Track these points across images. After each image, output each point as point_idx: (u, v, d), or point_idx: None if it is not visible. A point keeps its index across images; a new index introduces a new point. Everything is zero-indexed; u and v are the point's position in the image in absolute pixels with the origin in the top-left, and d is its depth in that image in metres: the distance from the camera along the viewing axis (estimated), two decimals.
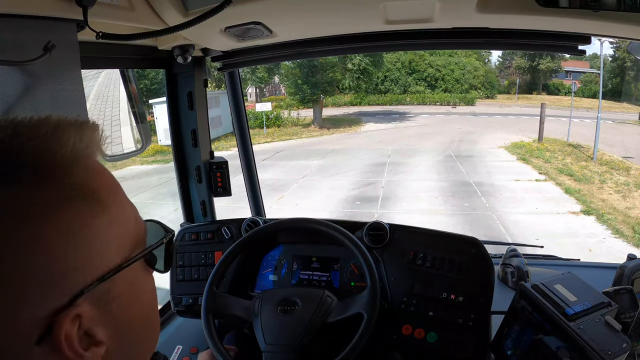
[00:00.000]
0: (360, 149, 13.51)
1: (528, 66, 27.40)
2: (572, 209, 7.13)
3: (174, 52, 1.22)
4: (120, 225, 0.34)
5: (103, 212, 0.32)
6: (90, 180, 0.32)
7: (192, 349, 1.22)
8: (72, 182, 0.30)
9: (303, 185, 9.23)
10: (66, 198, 0.30)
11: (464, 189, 8.35)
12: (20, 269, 0.27)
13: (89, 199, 0.31)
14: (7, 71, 0.66)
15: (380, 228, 1.17)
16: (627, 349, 0.72)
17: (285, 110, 20.46)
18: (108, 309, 0.32)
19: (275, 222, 1.17)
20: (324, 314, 1.01)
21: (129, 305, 0.34)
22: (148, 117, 10.54)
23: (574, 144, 12.60)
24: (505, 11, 0.88)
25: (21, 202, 0.28)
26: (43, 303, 0.28)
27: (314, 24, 1.10)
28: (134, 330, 0.35)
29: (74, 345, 0.29)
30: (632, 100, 19.80)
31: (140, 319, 0.36)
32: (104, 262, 0.32)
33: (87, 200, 0.31)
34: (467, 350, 1.02)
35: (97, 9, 0.72)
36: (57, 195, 0.29)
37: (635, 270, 1.01)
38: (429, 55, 26.28)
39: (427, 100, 25.70)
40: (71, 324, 0.29)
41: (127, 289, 0.34)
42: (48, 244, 0.28)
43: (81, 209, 0.30)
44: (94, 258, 0.31)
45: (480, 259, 1.07)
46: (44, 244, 0.28)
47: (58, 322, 0.28)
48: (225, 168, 1.52)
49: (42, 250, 0.28)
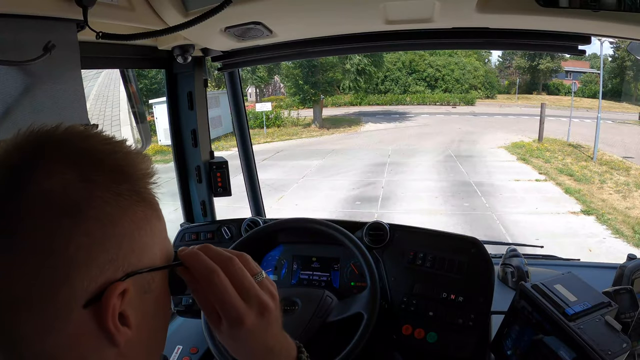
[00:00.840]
0: (360, 149, 13.51)
1: (528, 66, 27.39)
2: (572, 209, 7.13)
3: (174, 52, 1.22)
4: (165, 236, 0.42)
5: (159, 219, 0.41)
6: (152, 195, 0.40)
7: (192, 349, 1.22)
8: (143, 191, 0.39)
9: (303, 185, 9.23)
10: (139, 200, 0.38)
11: (464, 189, 8.35)
12: (97, 243, 0.34)
13: (152, 206, 0.40)
14: (7, 71, 0.66)
15: (380, 228, 1.17)
16: (627, 349, 0.72)
17: (285, 110, 20.45)
18: (145, 297, 0.38)
19: (275, 222, 1.17)
20: (324, 314, 1.01)
21: (159, 302, 0.40)
22: (148, 117, 10.54)
23: (574, 144, 12.60)
24: (505, 11, 0.88)
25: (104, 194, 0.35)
26: (103, 272, 0.34)
27: (314, 24, 1.10)
28: (152, 327, 0.41)
29: (115, 318, 0.35)
30: (632, 100, 19.80)
31: (160, 318, 0.42)
32: (152, 256, 0.39)
33: (151, 207, 0.39)
34: (467, 350, 1.02)
35: (97, 9, 0.72)
36: (132, 196, 0.37)
37: (635, 270, 1.01)
38: (429, 55, 26.27)
39: (427, 100, 25.69)
40: (118, 297, 0.35)
41: (161, 287, 0.41)
42: (121, 227, 0.36)
43: (147, 211, 0.39)
44: (147, 250, 0.38)
45: (480, 259, 1.07)
46: (119, 226, 0.36)
47: (109, 290, 0.34)
48: (225, 168, 1.52)
49: (117, 230, 0.35)
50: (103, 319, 0.34)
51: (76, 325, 0.34)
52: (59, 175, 0.34)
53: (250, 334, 0.42)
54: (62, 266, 0.33)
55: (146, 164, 0.40)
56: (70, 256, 0.33)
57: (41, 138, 0.36)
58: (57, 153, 0.35)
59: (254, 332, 0.42)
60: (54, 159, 0.35)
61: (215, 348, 0.98)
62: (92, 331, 0.34)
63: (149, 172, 0.40)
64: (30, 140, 0.36)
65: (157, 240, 0.40)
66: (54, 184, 0.33)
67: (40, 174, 0.34)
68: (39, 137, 0.36)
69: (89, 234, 0.34)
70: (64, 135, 0.37)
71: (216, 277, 0.41)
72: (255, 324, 0.42)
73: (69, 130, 0.37)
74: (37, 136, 0.36)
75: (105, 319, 0.34)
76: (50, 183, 0.33)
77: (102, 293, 0.34)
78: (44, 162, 0.34)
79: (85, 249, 0.33)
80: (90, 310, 0.34)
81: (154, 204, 0.40)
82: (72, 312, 0.33)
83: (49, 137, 0.36)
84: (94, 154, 0.37)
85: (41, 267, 0.32)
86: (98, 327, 0.34)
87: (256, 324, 0.42)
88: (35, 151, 0.35)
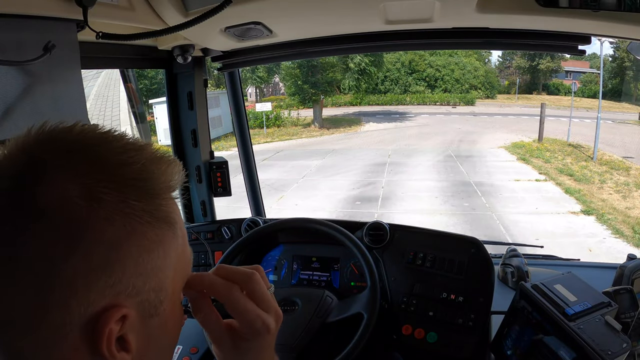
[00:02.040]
0: (360, 149, 13.52)
1: (528, 66, 27.37)
2: (572, 209, 7.13)
3: (174, 52, 1.22)
4: (182, 256, 0.38)
5: (174, 236, 0.37)
6: (172, 212, 0.37)
7: (192, 349, 1.22)
8: (160, 207, 0.35)
9: (303, 185, 9.22)
10: (152, 219, 0.34)
11: (464, 189, 8.35)
12: (97, 268, 0.31)
13: (168, 224, 0.36)
14: (7, 71, 0.66)
15: (380, 228, 1.17)
16: (627, 349, 0.72)
17: (285, 110, 20.44)
18: (150, 321, 0.36)
19: (275, 222, 1.17)
20: (324, 314, 1.01)
21: (165, 326, 0.38)
22: (148, 117, 10.51)
23: (574, 144, 12.60)
24: (505, 11, 0.88)
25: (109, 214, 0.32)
26: (103, 297, 0.32)
27: (314, 24, 1.10)
28: (158, 349, 0.38)
29: (111, 344, 0.32)
30: (632, 100, 19.78)
31: (167, 339, 0.39)
32: (162, 278, 0.36)
33: (166, 224, 0.36)
34: (467, 350, 1.02)
35: (97, 9, 0.72)
36: (144, 216, 0.34)
37: (635, 270, 1.01)
38: (429, 55, 26.26)
39: (427, 100, 25.68)
40: (116, 323, 0.32)
41: (170, 311, 0.38)
42: (127, 250, 0.33)
43: (161, 230, 0.35)
44: (157, 273, 0.35)
45: (480, 259, 1.07)
46: (124, 250, 0.33)
47: (106, 316, 0.32)
48: (225, 168, 1.52)
49: (121, 254, 0.32)
50: (98, 344, 0.32)
51: (71, 350, 0.32)
52: (61, 190, 0.31)
53: (267, 345, 0.43)
54: (59, 289, 0.31)
55: (169, 174, 0.36)
56: (68, 279, 0.31)
57: (51, 143, 0.33)
58: (64, 163, 0.32)
59: (271, 342, 0.43)
60: (60, 171, 0.32)
61: None
62: (86, 356, 0.32)
63: (170, 184, 0.36)
64: (39, 145, 0.33)
65: (171, 262, 0.36)
66: (55, 201, 0.31)
67: (41, 188, 0.31)
68: (49, 142, 0.33)
69: (88, 259, 0.31)
70: (77, 140, 0.34)
71: (236, 293, 0.41)
72: (273, 334, 0.43)
73: (84, 134, 0.34)
74: (48, 139, 0.33)
75: (99, 344, 0.32)
76: (52, 200, 0.31)
77: (99, 317, 0.32)
78: (48, 174, 0.31)
79: (83, 274, 0.31)
80: (86, 335, 0.32)
81: (170, 221, 0.36)
82: (68, 336, 0.31)
83: (59, 141, 0.33)
84: (106, 164, 0.33)
85: (38, 290, 0.30)
86: (92, 351, 0.32)
87: (273, 334, 0.43)
88: (41, 159, 0.32)
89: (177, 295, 0.39)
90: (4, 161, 0.33)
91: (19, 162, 0.32)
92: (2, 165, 0.33)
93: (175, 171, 0.37)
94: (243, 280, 0.42)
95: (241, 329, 0.42)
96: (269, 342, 0.43)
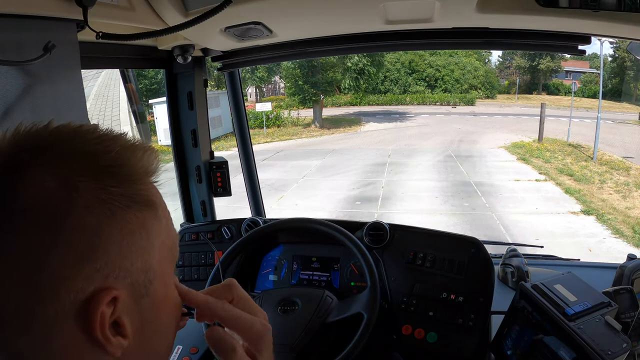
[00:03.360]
0: (360, 149, 13.51)
1: (528, 66, 27.36)
2: (572, 209, 7.13)
3: (174, 52, 1.22)
4: (167, 238, 0.39)
5: (157, 218, 0.38)
6: (152, 195, 0.38)
7: (192, 349, 1.22)
8: (139, 191, 0.36)
9: (303, 185, 9.22)
10: (132, 203, 0.35)
11: (464, 189, 8.35)
12: (82, 254, 0.32)
13: (149, 207, 0.37)
14: (7, 71, 0.66)
15: (380, 228, 1.17)
16: (627, 349, 0.72)
17: (285, 110, 20.43)
18: (141, 302, 0.36)
19: (275, 222, 1.17)
20: (324, 314, 1.01)
21: (158, 306, 0.38)
22: (148, 117, 10.52)
23: (574, 144, 12.60)
24: (505, 11, 0.88)
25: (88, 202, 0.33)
26: (90, 282, 0.32)
27: (314, 24, 1.10)
28: (154, 334, 0.38)
29: (105, 328, 0.33)
30: (632, 100, 19.77)
31: (163, 324, 0.39)
32: (148, 258, 0.36)
33: (147, 207, 0.37)
34: (467, 350, 1.02)
35: (97, 9, 0.72)
36: (123, 200, 0.35)
37: (635, 270, 1.01)
38: (429, 55, 26.25)
39: (427, 100, 25.67)
40: (107, 305, 0.33)
41: (161, 291, 0.38)
42: (109, 235, 0.33)
43: (142, 213, 0.36)
44: (143, 253, 0.36)
45: (480, 259, 1.07)
46: (106, 235, 0.33)
47: (96, 299, 0.32)
48: (225, 168, 1.52)
49: (104, 238, 0.33)
50: (91, 329, 0.32)
51: (68, 338, 0.32)
52: (40, 184, 0.32)
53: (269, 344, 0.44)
54: (47, 281, 0.31)
55: (146, 159, 0.37)
56: (54, 270, 0.31)
57: (26, 141, 0.34)
58: (40, 159, 0.33)
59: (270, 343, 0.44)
60: (37, 166, 0.32)
61: None
62: (83, 343, 0.33)
63: (148, 169, 0.37)
64: (15, 144, 0.33)
65: (155, 241, 0.37)
66: (35, 195, 0.31)
67: (22, 184, 0.32)
68: (24, 141, 0.34)
69: (72, 246, 0.32)
70: (52, 136, 0.34)
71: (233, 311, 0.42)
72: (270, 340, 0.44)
73: (58, 130, 0.35)
74: (23, 139, 0.34)
75: (93, 329, 0.32)
76: (32, 194, 0.31)
77: (90, 302, 0.32)
78: (26, 170, 0.32)
79: (69, 262, 0.32)
80: (79, 321, 0.32)
81: (151, 204, 0.37)
82: (62, 326, 0.32)
83: (34, 139, 0.34)
84: (81, 155, 0.34)
85: (27, 284, 0.31)
86: (88, 337, 0.33)
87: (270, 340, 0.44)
88: (19, 157, 0.33)
89: (167, 277, 0.40)
90: None
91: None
92: None
93: (152, 157, 0.38)
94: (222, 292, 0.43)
95: (244, 338, 0.42)
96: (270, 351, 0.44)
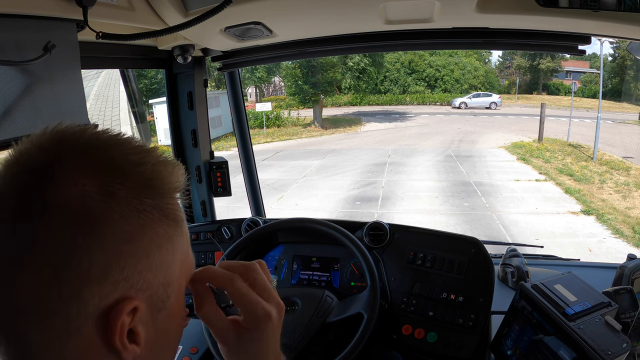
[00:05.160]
0: (360, 149, 13.51)
1: (528, 66, 27.37)
2: (572, 209, 7.13)
3: (174, 52, 1.22)
4: (187, 255, 0.41)
5: (182, 235, 0.39)
6: (179, 211, 0.39)
7: (192, 349, 1.22)
8: (169, 205, 0.37)
9: (303, 185, 9.22)
10: (162, 216, 0.36)
11: (464, 188, 8.35)
12: (112, 260, 0.33)
13: (176, 222, 0.38)
14: (7, 71, 0.66)
15: (380, 228, 1.17)
16: (627, 349, 0.72)
17: (285, 110, 20.44)
18: (157, 315, 0.37)
19: (275, 222, 1.17)
20: (324, 314, 1.01)
21: (172, 320, 0.39)
22: (148, 117, 10.51)
23: (574, 144, 12.59)
24: (505, 11, 0.88)
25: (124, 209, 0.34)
26: (116, 289, 0.33)
27: (314, 24, 1.10)
28: (165, 344, 0.40)
29: (123, 336, 0.34)
30: (632, 100, 19.77)
31: (172, 335, 0.41)
32: (170, 273, 0.38)
33: (175, 223, 0.38)
34: (467, 350, 1.02)
35: (97, 9, 0.72)
36: (155, 213, 0.36)
37: (635, 270, 1.01)
38: (428, 55, 26.26)
39: (426, 100, 25.67)
40: (128, 315, 0.34)
41: (176, 307, 0.39)
42: (140, 245, 0.34)
43: (170, 228, 0.37)
44: (166, 267, 0.37)
45: (480, 259, 1.07)
46: (137, 245, 0.34)
47: (119, 307, 0.33)
48: (225, 168, 1.52)
49: (134, 248, 0.34)
50: (110, 336, 0.33)
51: (84, 341, 0.33)
52: (79, 185, 0.32)
53: (271, 335, 0.44)
54: (74, 282, 0.32)
55: (175, 176, 0.38)
56: (83, 272, 0.32)
57: (67, 141, 0.34)
58: (81, 160, 0.34)
59: (274, 332, 0.44)
60: (76, 167, 0.33)
61: (215, 348, 0.97)
62: (99, 347, 0.33)
63: (176, 185, 0.38)
64: (55, 142, 0.34)
65: (178, 258, 0.38)
66: (72, 195, 0.32)
67: (59, 183, 0.32)
68: (65, 140, 0.34)
69: (104, 251, 0.32)
70: (91, 140, 0.35)
71: (238, 281, 0.43)
72: (276, 324, 0.44)
73: (97, 135, 0.36)
74: (63, 138, 0.35)
75: (112, 336, 0.33)
76: (69, 194, 0.32)
77: (112, 309, 0.33)
78: (65, 170, 0.33)
79: (99, 266, 0.32)
80: (98, 326, 0.33)
81: (177, 220, 0.38)
82: (81, 328, 0.32)
83: (75, 140, 0.35)
84: (119, 164, 0.35)
85: (53, 282, 0.31)
86: (105, 343, 0.33)
87: (276, 324, 0.44)
88: (58, 156, 0.33)
89: (182, 292, 0.41)
90: (21, 157, 0.34)
91: (36, 157, 0.33)
92: (20, 160, 0.34)
93: (180, 174, 0.39)
94: (244, 270, 0.44)
95: (244, 317, 0.43)
96: (273, 333, 0.44)
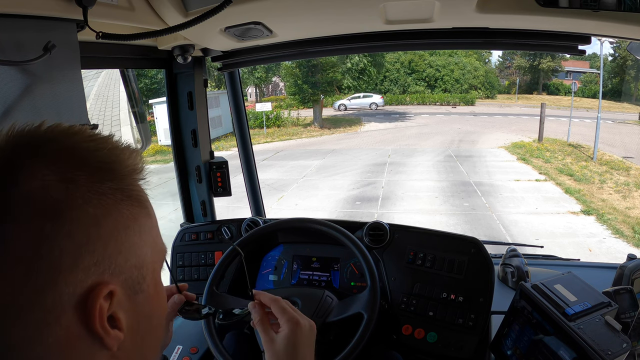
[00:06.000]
0: (360, 149, 13.51)
1: (528, 66, 27.38)
2: (572, 209, 7.13)
3: (174, 52, 1.22)
4: (157, 237, 0.42)
5: (148, 216, 0.40)
6: (140, 191, 0.40)
7: (192, 349, 1.22)
8: (130, 186, 0.38)
9: (303, 185, 9.22)
10: (125, 197, 0.37)
11: (464, 188, 8.35)
12: (81, 245, 0.33)
13: (140, 203, 0.39)
14: (7, 71, 0.66)
15: (380, 228, 1.17)
16: (627, 349, 0.72)
17: (285, 110, 20.43)
18: (135, 298, 0.38)
19: (275, 222, 1.17)
20: (324, 314, 1.01)
21: (151, 302, 0.40)
22: (148, 117, 10.54)
23: (574, 144, 12.60)
24: (505, 11, 0.88)
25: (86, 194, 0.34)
26: (88, 275, 0.34)
27: (314, 24, 1.09)
28: (147, 329, 0.40)
29: (104, 321, 0.34)
30: (632, 100, 19.77)
31: (154, 319, 0.42)
32: (141, 255, 0.38)
33: (139, 204, 0.39)
34: (467, 350, 1.02)
35: (97, 9, 0.72)
36: (117, 194, 0.36)
37: (635, 270, 1.01)
38: (428, 55, 26.26)
39: (426, 100, 25.68)
40: (105, 299, 0.34)
41: (153, 287, 0.40)
42: (106, 227, 0.35)
43: (134, 208, 0.38)
44: (136, 249, 0.38)
45: (480, 259, 1.07)
46: (103, 227, 0.35)
47: (95, 293, 0.34)
48: (225, 168, 1.52)
49: (102, 231, 0.35)
50: (91, 323, 0.34)
51: (65, 331, 0.33)
52: (39, 177, 0.33)
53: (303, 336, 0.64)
54: (47, 271, 0.32)
55: (134, 159, 0.39)
56: (55, 260, 0.32)
57: (23, 138, 0.35)
58: (39, 153, 0.34)
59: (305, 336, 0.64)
60: (35, 160, 0.34)
61: (215, 348, 0.97)
62: (81, 336, 0.34)
63: (136, 168, 0.39)
64: (12, 141, 0.35)
65: (147, 238, 0.39)
66: (35, 186, 0.33)
67: (21, 176, 0.33)
68: (21, 137, 0.35)
69: (72, 237, 0.33)
70: (47, 134, 0.36)
71: (281, 302, 0.67)
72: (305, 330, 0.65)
73: (51, 129, 0.37)
74: (19, 136, 0.35)
75: (92, 322, 0.34)
76: (32, 185, 0.32)
77: (88, 296, 0.33)
78: (25, 164, 0.33)
79: (69, 252, 0.33)
80: (78, 314, 0.33)
81: (142, 201, 0.39)
82: (60, 318, 0.33)
83: (30, 137, 0.35)
84: (76, 152, 0.36)
85: (27, 274, 0.32)
86: (87, 331, 0.34)
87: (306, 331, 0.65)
88: (16, 152, 0.34)
89: (157, 274, 0.42)
90: None
91: None
92: None
93: (138, 157, 0.40)
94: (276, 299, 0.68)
95: (281, 324, 0.64)
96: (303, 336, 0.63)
